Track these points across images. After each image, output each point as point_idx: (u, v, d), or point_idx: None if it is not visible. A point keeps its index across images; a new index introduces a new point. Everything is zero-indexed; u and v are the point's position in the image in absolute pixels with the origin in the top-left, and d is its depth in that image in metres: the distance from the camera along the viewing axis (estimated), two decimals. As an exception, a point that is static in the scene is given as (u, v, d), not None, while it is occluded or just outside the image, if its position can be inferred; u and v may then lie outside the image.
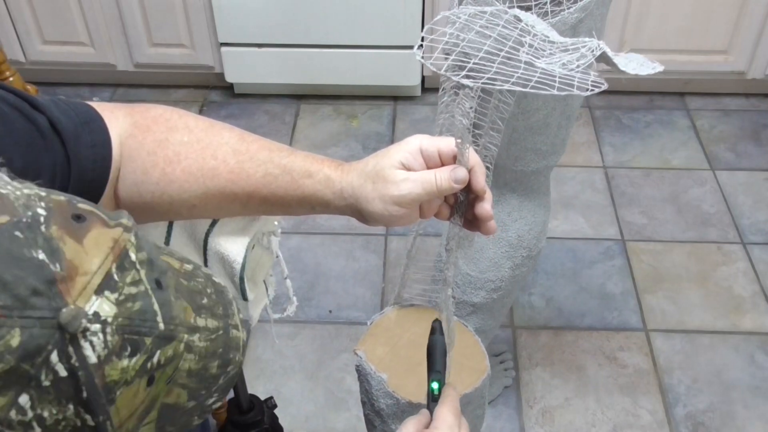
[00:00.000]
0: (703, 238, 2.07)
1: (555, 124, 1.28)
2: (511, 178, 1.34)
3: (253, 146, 0.71)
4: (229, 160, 0.70)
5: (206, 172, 0.70)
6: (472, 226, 0.73)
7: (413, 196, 0.67)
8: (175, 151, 0.69)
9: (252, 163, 0.70)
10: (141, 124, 0.70)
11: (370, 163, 0.69)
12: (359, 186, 0.68)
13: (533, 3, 1.27)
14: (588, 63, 0.63)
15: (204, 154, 0.70)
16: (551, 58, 0.64)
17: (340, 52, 2.42)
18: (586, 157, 2.35)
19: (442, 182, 0.67)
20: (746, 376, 1.73)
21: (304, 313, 1.87)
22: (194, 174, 0.70)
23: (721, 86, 2.57)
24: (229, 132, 0.72)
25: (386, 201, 0.67)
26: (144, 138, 0.69)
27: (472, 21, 0.70)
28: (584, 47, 0.66)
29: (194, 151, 0.70)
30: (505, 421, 1.64)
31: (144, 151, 0.69)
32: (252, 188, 0.71)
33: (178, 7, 2.36)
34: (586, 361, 1.76)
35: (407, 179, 0.67)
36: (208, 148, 0.70)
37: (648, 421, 1.64)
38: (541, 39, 0.67)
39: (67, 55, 2.49)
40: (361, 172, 0.69)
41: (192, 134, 0.71)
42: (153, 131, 0.70)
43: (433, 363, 0.73)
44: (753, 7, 2.28)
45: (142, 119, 0.71)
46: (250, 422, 1.13)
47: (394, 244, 2.05)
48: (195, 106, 2.57)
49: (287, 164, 0.70)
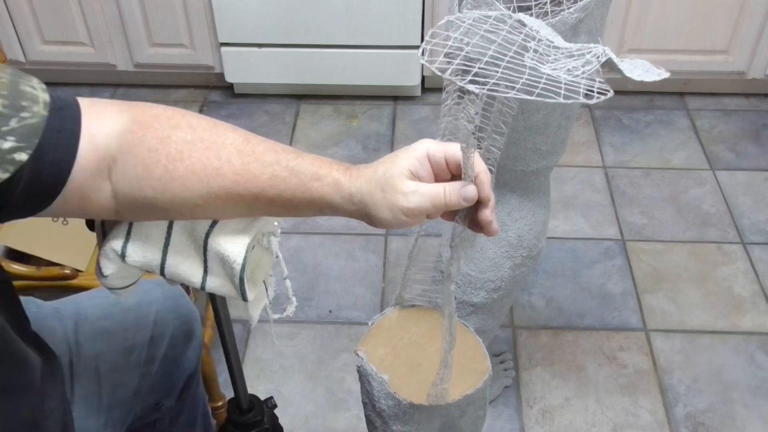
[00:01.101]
0: (703, 238, 2.07)
1: (555, 124, 1.28)
2: (511, 178, 1.34)
3: (259, 147, 0.71)
4: (234, 161, 0.69)
5: (210, 172, 0.69)
6: (474, 227, 0.73)
7: (422, 209, 0.68)
8: (177, 149, 0.68)
9: (258, 165, 0.70)
10: (140, 120, 0.69)
11: (379, 169, 0.69)
12: (368, 193, 0.69)
13: (533, 3, 1.27)
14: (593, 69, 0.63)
15: (208, 154, 0.69)
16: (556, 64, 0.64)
17: (340, 52, 2.42)
18: (586, 157, 2.35)
19: (451, 198, 0.68)
20: (746, 376, 1.73)
21: (303, 313, 1.87)
22: (197, 173, 0.69)
23: (721, 86, 2.57)
24: (233, 132, 0.72)
25: (395, 210, 0.68)
26: (144, 134, 0.69)
27: (476, 25, 0.70)
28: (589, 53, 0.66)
29: (198, 150, 0.69)
30: (505, 421, 1.64)
31: (144, 147, 0.68)
32: (258, 190, 0.70)
33: (178, 7, 2.36)
34: (586, 361, 1.76)
35: (416, 192, 0.67)
36: (212, 148, 0.69)
37: (648, 421, 1.64)
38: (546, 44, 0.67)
39: (67, 55, 2.49)
40: (370, 179, 0.69)
41: (195, 133, 0.70)
42: (154, 128, 0.69)
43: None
44: (753, 7, 2.28)
45: (142, 115, 0.70)
46: (250, 422, 1.13)
47: (394, 245, 2.05)
48: (195, 106, 2.57)
49: (295, 167, 0.70)
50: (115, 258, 0.79)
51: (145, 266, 0.80)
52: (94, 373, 0.99)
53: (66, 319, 1.00)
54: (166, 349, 1.06)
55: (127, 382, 1.02)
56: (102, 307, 1.03)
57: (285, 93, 2.60)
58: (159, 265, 0.79)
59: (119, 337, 1.02)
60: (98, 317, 1.02)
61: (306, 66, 2.46)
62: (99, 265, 0.81)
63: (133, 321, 1.03)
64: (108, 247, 0.79)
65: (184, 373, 1.11)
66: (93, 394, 0.99)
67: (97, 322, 1.01)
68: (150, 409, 1.09)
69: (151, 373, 1.05)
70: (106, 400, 1.00)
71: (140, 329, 1.03)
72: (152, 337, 1.04)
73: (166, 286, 1.09)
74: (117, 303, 1.03)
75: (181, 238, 0.80)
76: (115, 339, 1.01)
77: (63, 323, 0.99)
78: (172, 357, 1.08)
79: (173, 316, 1.07)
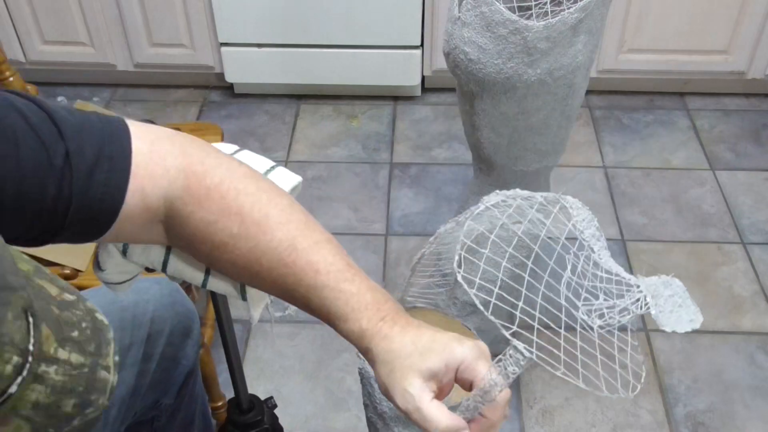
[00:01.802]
0: (703, 238, 2.07)
1: (555, 125, 1.28)
2: (511, 178, 1.34)
3: (301, 261, 0.67)
4: (274, 271, 0.68)
5: (252, 273, 0.69)
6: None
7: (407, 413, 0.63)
8: (222, 241, 0.68)
9: (296, 287, 0.69)
10: (194, 192, 0.67)
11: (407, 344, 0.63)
12: (377, 353, 0.65)
13: (533, 3, 1.27)
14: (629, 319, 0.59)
15: (249, 257, 0.68)
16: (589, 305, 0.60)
17: (340, 52, 2.42)
18: (586, 157, 2.35)
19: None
20: (746, 376, 1.73)
21: (304, 313, 1.87)
22: (239, 267, 0.69)
23: (721, 86, 2.57)
24: (283, 233, 0.68)
25: (385, 387, 0.64)
26: (192, 213, 0.67)
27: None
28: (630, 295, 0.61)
29: (240, 249, 0.68)
30: (505, 421, 1.64)
31: (191, 226, 0.68)
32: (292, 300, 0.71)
33: (178, 7, 2.36)
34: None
35: (418, 408, 0.61)
36: (255, 251, 0.68)
37: (648, 421, 1.64)
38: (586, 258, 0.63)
39: (67, 55, 2.49)
40: (388, 349, 0.64)
41: (243, 225, 0.67)
42: (204, 208, 0.67)
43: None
44: (753, 7, 2.28)
45: (197, 186, 0.67)
46: (250, 422, 1.13)
47: (394, 245, 2.05)
48: (195, 106, 2.57)
49: (325, 306, 0.68)
50: (114, 253, 0.79)
51: (146, 264, 0.80)
52: None
53: None
54: (163, 346, 1.06)
55: (125, 380, 1.02)
56: (99, 305, 1.03)
57: (285, 93, 2.60)
58: (161, 263, 0.80)
59: (117, 336, 1.02)
60: None
61: (306, 66, 2.46)
62: (97, 258, 0.81)
63: (130, 319, 1.03)
64: (109, 243, 0.79)
65: (183, 370, 1.11)
66: None
67: None
68: (149, 407, 1.09)
69: (149, 371, 1.05)
70: None
71: (137, 327, 1.03)
72: (150, 335, 1.04)
73: (162, 284, 1.09)
74: (114, 301, 1.03)
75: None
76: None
77: None
78: (170, 355, 1.07)
79: (170, 313, 1.07)
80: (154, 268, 0.81)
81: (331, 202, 2.15)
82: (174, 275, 0.81)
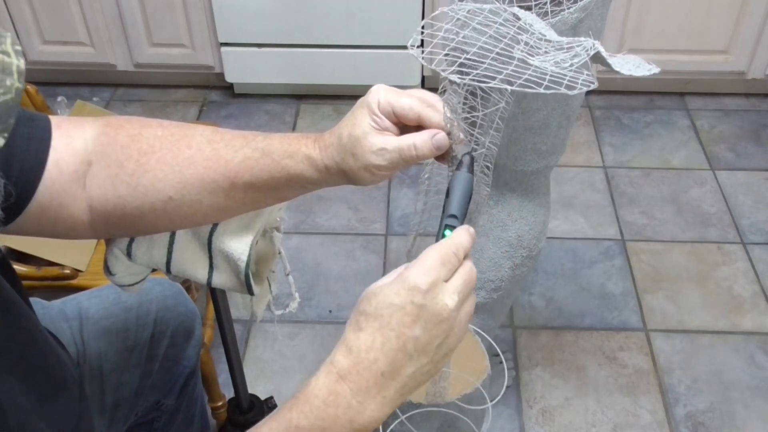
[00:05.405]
0: (703, 238, 2.07)
1: (555, 124, 1.28)
2: (511, 178, 1.34)
3: (228, 135, 0.73)
4: (204, 148, 0.71)
5: (181, 161, 0.71)
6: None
7: (393, 164, 0.69)
8: (149, 144, 0.71)
9: (228, 149, 0.71)
10: (113, 123, 0.73)
11: (343, 134, 0.69)
12: (341, 161, 0.69)
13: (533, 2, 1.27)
14: (581, 62, 0.63)
15: (179, 145, 0.71)
16: (545, 57, 0.64)
17: (340, 52, 2.42)
18: (586, 157, 2.35)
19: (423, 151, 0.68)
20: (746, 376, 1.73)
21: (304, 313, 1.87)
22: (169, 163, 0.71)
23: (721, 86, 2.58)
24: (202, 127, 0.74)
25: (371, 170, 0.69)
26: (117, 134, 0.72)
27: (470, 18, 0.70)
28: (579, 46, 0.66)
29: (168, 143, 0.71)
30: (505, 421, 1.64)
31: (117, 145, 0.71)
32: (232, 174, 0.71)
33: (178, 7, 2.36)
34: (586, 361, 1.76)
35: (385, 149, 0.68)
36: (183, 140, 0.72)
37: (648, 421, 1.64)
38: (538, 37, 0.67)
39: (67, 55, 2.49)
40: (338, 147, 0.69)
41: (165, 129, 0.73)
42: (125, 128, 0.72)
43: (449, 204, 0.64)
44: (753, 7, 2.28)
45: (114, 120, 0.73)
46: (250, 422, 1.13)
47: (394, 244, 2.05)
48: (195, 106, 2.57)
49: (265, 147, 0.71)
50: (121, 257, 0.80)
51: (151, 264, 0.81)
52: (98, 373, 0.99)
53: (71, 319, 1.00)
54: (166, 347, 1.06)
55: (129, 382, 1.02)
56: (103, 307, 1.03)
57: (285, 93, 2.60)
58: (165, 263, 0.80)
59: (121, 337, 1.02)
60: (101, 317, 1.02)
61: (306, 66, 2.46)
62: (107, 263, 0.81)
63: (134, 320, 1.03)
64: (114, 246, 0.80)
65: (184, 371, 1.11)
66: (97, 394, 0.99)
67: (99, 321, 1.01)
68: (150, 408, 1.09)
69: (152, 371, 1.05)
70: (110, 399, 1.00)
71: (141, 328, 1.03)
72: (153, 336, 1.04)
73: (165, 285, 1.09)
74: (117, 302, 1.03)
75: (185, 236, 0.80)
76: (116, 338, 1.01)
77: (70, 324, 0.99)
78: (172, 355, 1.08)
79: (173, 314, 1.07)
80: (159, 268, 0.81)
81: (331, 202, 2.15)
82: (178, 275, 0.81)
